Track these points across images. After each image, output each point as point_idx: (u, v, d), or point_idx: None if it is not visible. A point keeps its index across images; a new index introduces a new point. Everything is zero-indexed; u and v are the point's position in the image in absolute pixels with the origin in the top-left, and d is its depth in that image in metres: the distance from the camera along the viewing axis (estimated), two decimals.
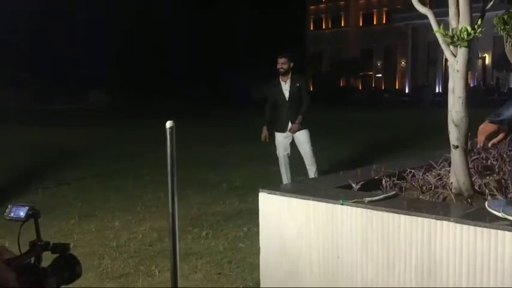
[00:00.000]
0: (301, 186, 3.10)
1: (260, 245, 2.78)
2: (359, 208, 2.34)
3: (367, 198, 2.38)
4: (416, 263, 2.14)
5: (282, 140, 5.71)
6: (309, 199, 2.53)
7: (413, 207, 2.24)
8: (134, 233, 4.45)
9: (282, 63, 5.63)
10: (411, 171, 3.01)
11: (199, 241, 4.30)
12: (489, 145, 1.99)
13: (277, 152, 5.78)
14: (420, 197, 2.68)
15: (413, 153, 3.93)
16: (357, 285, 2.36)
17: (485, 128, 1.95)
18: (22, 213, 1.72)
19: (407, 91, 36.66)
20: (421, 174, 2.93)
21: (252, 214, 4.66)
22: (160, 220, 4.81)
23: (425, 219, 2.10)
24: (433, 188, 2.69)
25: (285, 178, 5.75)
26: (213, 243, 4.22)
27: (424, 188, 2.80)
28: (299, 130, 5.63)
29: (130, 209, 5.36)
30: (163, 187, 6.25)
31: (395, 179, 2.90)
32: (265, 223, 2.76)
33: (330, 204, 2.45)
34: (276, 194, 2.68)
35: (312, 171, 5.66)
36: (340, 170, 3.91)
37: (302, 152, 5.73)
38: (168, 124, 1.62)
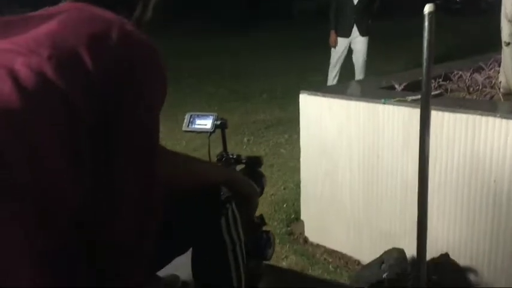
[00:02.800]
0: (343, 88, 3.06)
1: (301, 146, 2.82)
2: (401, 107, 2.30)
3: (409, 97, 2.33)
4: (459, 161, 2.12)
5: (341, 45, 5.43)
6: (350, 99, 2.50)
7: (458, 105, 2.18)
8: (179, 140, 4.58)
9: None
10: (458, 73, 2.90)
11: (241, 147, 4.39)
12: None
13: (331, 59, 5.56)
14: (467, 97, 2.61)
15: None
16: (397, 184, 2.38)
17: None
18: (208, 124, 1.67)
19: None
20: (468, 75, 2.82)
21: (293, 122, 4.68)
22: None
23: (469, 115, 2.05)
24: (480, 87, 2.60)
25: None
26: (255, 148, 4.31)
27: (472, 89, 2.70)
28: (365, 35, 5.34)
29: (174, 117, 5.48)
30: (202, 99, 6.29)
31: (440, 80, 2.81)
32: (305, 124, 2.77)
33: (371, 104, 2.42)
34: (317, 95, 2.66)
35: (358, 74, 5.50)
36: None
37: (354, 61, 5.49)
38: (428, 8, 1.43)
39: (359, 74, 5.47)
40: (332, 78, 5.59)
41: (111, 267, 0.98)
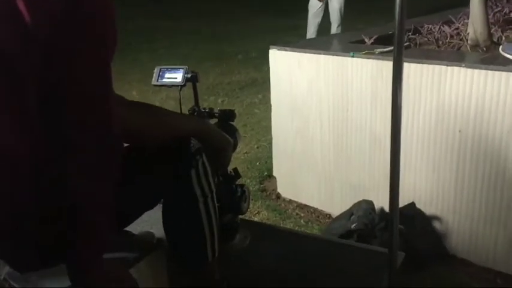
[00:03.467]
0: (313, 42, 3.03)
1: (271, 103, 2.81)
2: (369, 60, 2.29)
3: (377, 50, 2.32)
4: (425, 111, 2.14)
5: (316, 3, 5.38)
6: (319, 53, 2.48)
7: (425, 56, 2.18)
8: (152, 101, 4.52)
9: None
10: (428, 26, 2.90)
11: (215, 107, 4.35)
12: None
13: (308, 15, 5.48)
14: (435, 49, 2.61)
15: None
16: (366, 137, 2.39)
17: None
18: (178, 77, 1.60)
19: None
20: (437, 28, 2.82)
21: (267, 82, 4.64)
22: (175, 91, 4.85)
23: (435, 66, 2.06)
24: (448, 39, 2.60)
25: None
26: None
27: (441, 42, 2.70)
28: None
29: (146, 80, 5.40)
30: (177, 60, 6.22)
31: (410, 33, 2.80)
32: (276, 81, 2.75)
33: (340, 58, 2.41)
34: (286, 50, 2.63)
35: (334, 27, 5.42)
36: None
37: (331, 18, 5.42)
38: None
39: (334, 31, 5.42)
40: (310, 35, 5.54)
41: (72, 224, 0.97)
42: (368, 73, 2.31)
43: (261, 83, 4.91)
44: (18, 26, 0.83)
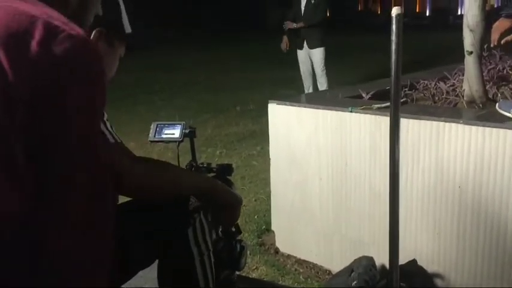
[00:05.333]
0: (311, 97, 3.07)
1: (270, 156, 2.81)
2: (368, 115, 2.32)
3: (375, 105, 2.35)
4: (424, 167, 2.15)
5: (300, 56, 5.89)
6: (318, 108, 2.52)
7: (423, 112, 2.21)
8: (149, 153, 4.53)
9: None
10: (424, 82, 2.96)
11: (214, 159, 4.36)
12: (502, 42, 1.92)
13: (300, 69, 5.98)
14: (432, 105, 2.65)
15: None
16: (365, 191, 2.39)
17: (500, 24, 1.88)
18: (176, 133, 1.60)
19: (428, 14, 35.37)
20: (433, 84, 2.88)
21: (265, 135, 4.68)
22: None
23: (433, 122, 2.08)
24: (444, 95, 2.65)
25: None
26: (226, 160, 4.28)
27: (437, 98, 2.75)
28: (315, 47, 5.67)
29: (144, 131, 5.43)
30: (175, 111, 6.26)
31: (406, 89, 2.85)
32: (274, 135, 2.77)
33: (339, 112, 2.43)
34: (285, 104, 2.67)
35: (322, 85, 5.80)
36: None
37: (315, 70, 5.85)
38: (395, 11, 1.38)
39: (320, 85, 5.83)
40: (306, 89, 5.87)
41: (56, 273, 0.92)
42: (366, 128, 2.33)
43: (259, 135, 4.95)
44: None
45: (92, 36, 1.29)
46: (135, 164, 1.16)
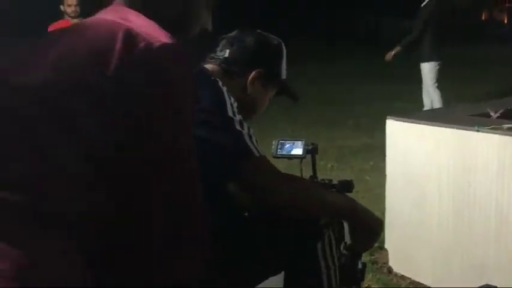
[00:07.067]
0: (431, 114, 2.98)
1: (386, 173, 2.77)
2: (496, 135, 2.21)
3: (506, 125, 2.22)
4: None
5: (423, 69, 5.52)
6: (440, 125, 2.44)
7: None
8: None
9: None
10: None
11: (325, 172, 4.37)
12: None
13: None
14: None
15: None
16: (491, 213, 2.26)
17: None
18: (299, 149, 1.68)
19: None
20: None
21: (379, 149, 4.59)
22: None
23: None
24: None
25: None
26: (339, 174, 4.27)
27: None
28: (424, 61, 5.37)
29: (261, 144, 5.59)
30: (287, 124, 6.32)
31: None
32: (392, 151, 2.72)
33: (463, 131, 2.34)
34: (405, 121, 2.62)
35: (435, 102, 5.38)
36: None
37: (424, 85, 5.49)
38: None
39: (435, 102, 5.35)
40: (426, 104, 5.52)
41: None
42: (494, 148, 2.21)
43: (372, 149, 4.86)
44: (83, 84, 0.83)
45: (251, 75, 1.39)
46: (280, 182, 1.21)
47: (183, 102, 0.89)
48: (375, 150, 4.68)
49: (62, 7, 4.55)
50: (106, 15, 0.96)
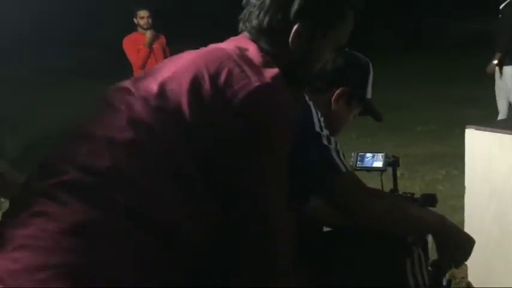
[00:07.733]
0: None
1: (465, 185, 2.65)
2: None
3: None
4: None
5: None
6: None
7: None
8: None
9: None
10: None
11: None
12: None
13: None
14: None
15: None
16: None
17: None
18: (379, 162, 1.64)
19: None
20: None
21: (450, 157, 4.43)
22: None
23: None
24: None
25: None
26: (409, 184, 4.14)
27: None
28: (507, 64, 4.94)
29: None
30: (352, 130, 6.27)
31: None
32: (471, 162, 2.60)
33: None
34: (486, 131, 2.50)
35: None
36: None
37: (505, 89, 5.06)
38: None
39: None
40: (501, 112, 5.14)
41: None
42: None
43: (444, 157, 4.69)
44: (180, 125, 0.84)
45: (335, 93, 1.38)
46: (369, 198, 1.19)
47: (276, 142, 0.90)
48: (447, 158, 4.51)
49: (135, 20, 4.74)
50: (225, 43, 0.99)
